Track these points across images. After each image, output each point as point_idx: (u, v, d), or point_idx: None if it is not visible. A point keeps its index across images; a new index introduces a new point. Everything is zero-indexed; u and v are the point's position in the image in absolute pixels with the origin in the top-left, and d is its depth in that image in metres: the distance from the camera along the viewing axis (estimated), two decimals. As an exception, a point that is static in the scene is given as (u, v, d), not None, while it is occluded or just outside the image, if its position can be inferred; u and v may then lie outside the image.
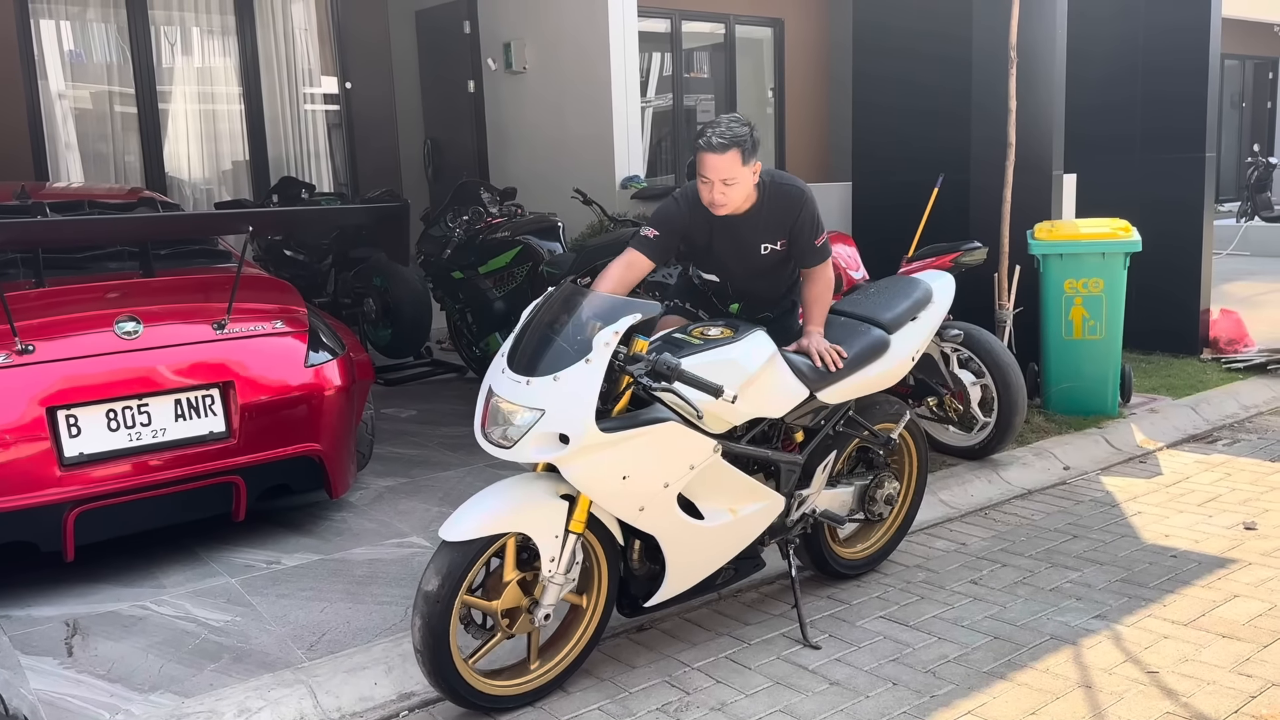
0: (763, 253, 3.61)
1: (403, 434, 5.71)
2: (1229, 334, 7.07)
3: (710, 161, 3.34)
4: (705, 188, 3.40)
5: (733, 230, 3.56)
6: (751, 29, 11.14)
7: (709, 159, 3.35)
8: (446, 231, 6.58)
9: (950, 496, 4.63)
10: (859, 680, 3.11)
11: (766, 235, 3.58)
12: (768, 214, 3.54)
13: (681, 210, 3.53)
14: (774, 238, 3.59)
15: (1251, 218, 13.83)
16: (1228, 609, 3.50)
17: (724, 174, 3.35)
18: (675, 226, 3.53)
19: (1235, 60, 17.21)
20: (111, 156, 8.63)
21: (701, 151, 3.37)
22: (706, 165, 3.36)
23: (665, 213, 3.56)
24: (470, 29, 9.11)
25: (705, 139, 3.36)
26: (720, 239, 3.59)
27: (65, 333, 3.69)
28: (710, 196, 3.41)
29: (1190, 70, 7.03)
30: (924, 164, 5.87)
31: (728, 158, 3.33)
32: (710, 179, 3.36)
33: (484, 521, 2.82)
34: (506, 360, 2.97)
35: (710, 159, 3.34)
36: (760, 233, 3.57)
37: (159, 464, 3.72)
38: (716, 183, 3.37)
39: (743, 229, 3.56)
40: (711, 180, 3.37)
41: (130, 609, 3.57)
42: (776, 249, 3.61)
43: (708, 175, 3.36)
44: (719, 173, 3.35)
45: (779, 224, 3.57)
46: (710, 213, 3.47)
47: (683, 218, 3.53)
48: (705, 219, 3.52)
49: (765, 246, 3.60)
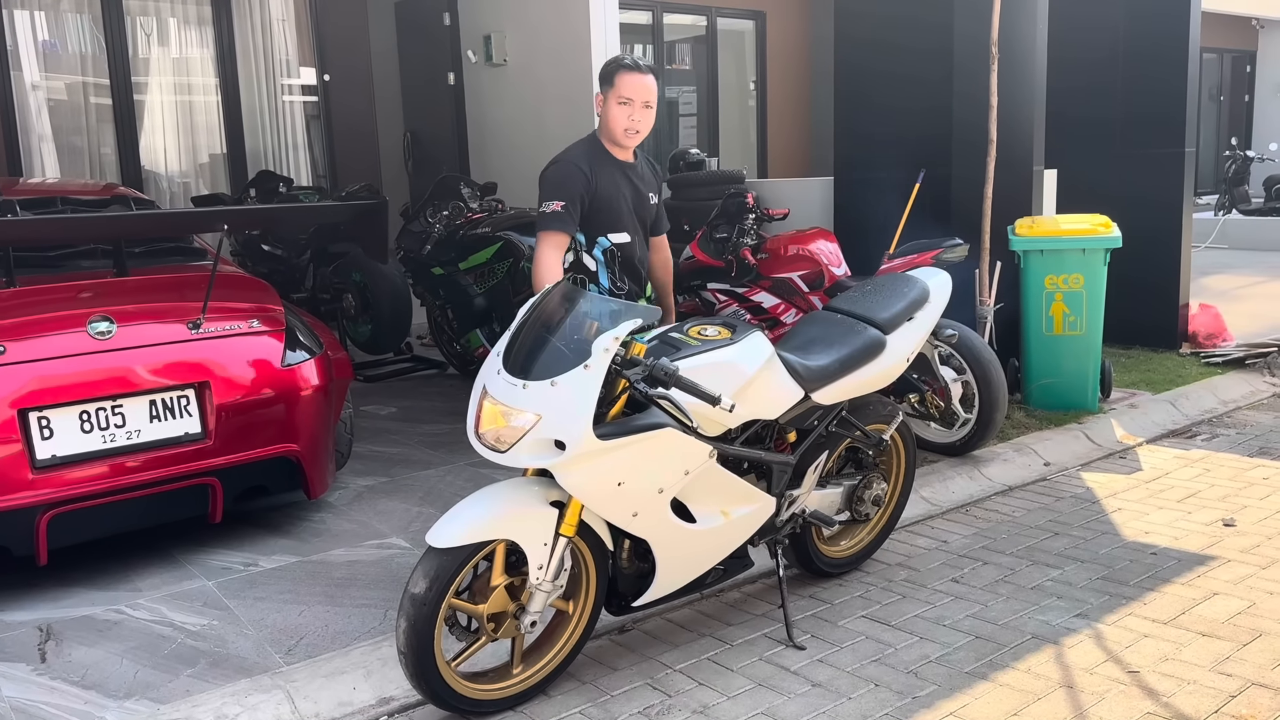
0: (651, 202, 3.68)
1: (383, 432, 5.67)
2: (1208, 328, 7.11)
3: (637, 81, 3.44)
4: (624, 111, 3.46)
5: (627, 177, 3.59)
6: (733, 22, 11.11)
7: (636, 79, 3.44)
8: (426, 227, 6.53)
9: (932, 493, 4.63)
10: (841, 682, 3.11)
11: (649, 186, 3.67)
12: (643, 166, 3.67)
13: (579, 168, 3.50)
14: (653, 190, 3.69)
15: (1230, 211, 13.93)
16: (1207, 607, 3.52)
17: (647, 95, 3.45)
18: (576, 188, 3.49)
19: (1213, 54, 17.32)
20: (86, 149, 8.52)
21: (628, 72, 3.45)
22: (633, 86, 3.44)
23: (560, 179, 3.50)
24: (450, 21, 9.03)
25: (629, 61, 3.46)
26: (621, 187, 3.58)
27: (37, 333, 3.63)
28: (628, 121, 3.46)
29: (1170, 65, 7.05)
30: (905, 159, 5.86)
31: (651, 79, 3.47)
32: (633, 100, 3.44)
33: (472, 528, 2.78)
34: (502, 360, 2.91)
35: (637, 79, 3.44)
36: (646, 183, 3.66)
37: (134, 466, 3.67)
38: (638, 105, 3.45)
39: (631, 177, 3.61)
40: (633, 102, 3.44)
41: (105, 613, 3.52)
42: (655, 203, 3.70)
43: (632, 96, 3.44)
44: (644, 93, 3.45)
45: (654, 178, 3.71)
46: (605, 162, 3.51)
47: (582, 175, 3.50)
48: (604, 167, 3.53)
49: (652, 197, 3.68)
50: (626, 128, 3.48)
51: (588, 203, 3.51)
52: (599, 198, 3.53)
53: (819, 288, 5.40)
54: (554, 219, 3.46)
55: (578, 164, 3.51)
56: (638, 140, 3.55)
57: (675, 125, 11.03)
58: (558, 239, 3.47)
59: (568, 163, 3.53)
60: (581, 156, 3.54)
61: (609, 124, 3.52)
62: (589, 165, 3.52)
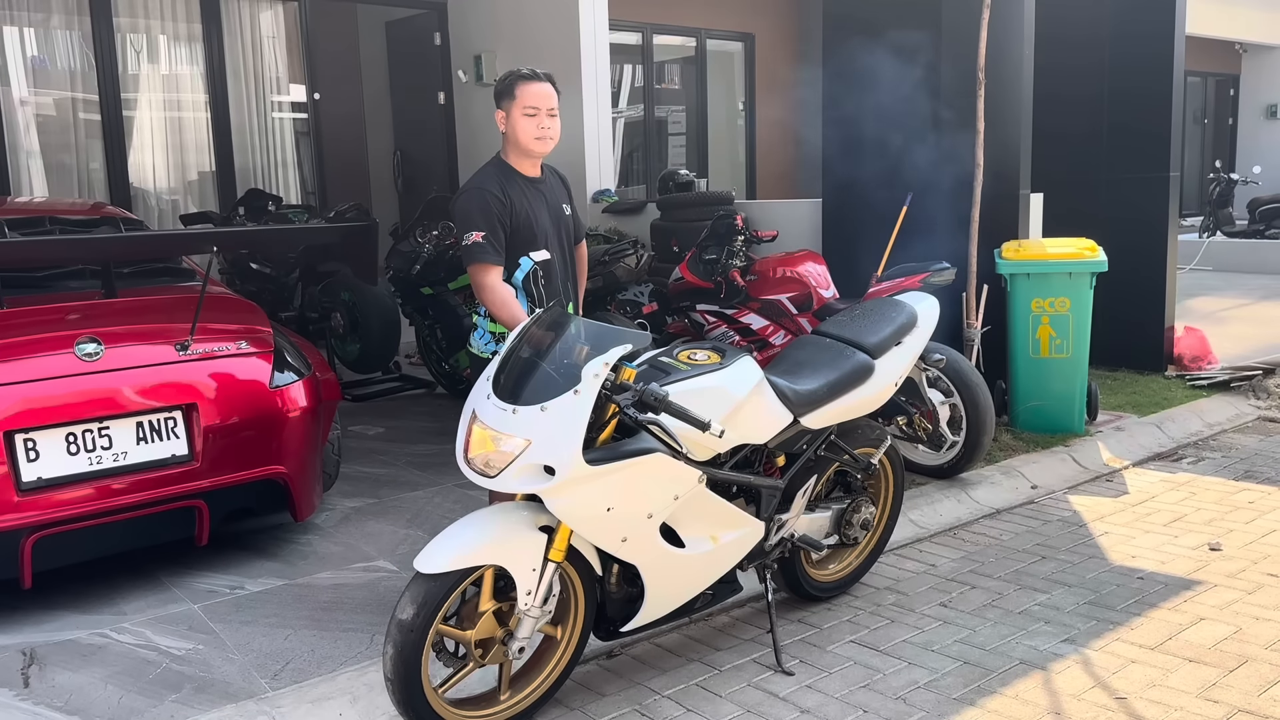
0: (567, 213, 3.66)
1: (370, 452, 5.65)
2: (1193, 351, 7.15)
3: (539, 90, 3.42)
4: (532, 122, 3.42)
5: (539, 193, 3.54)
6: (723, 43, 11.18)
7: (537, 87, 3.42)
8: (416, 247, 6.54)
9: (920, 516, 4.64)
10: (829, 708, 3.10)
11: (560, 196, 3.65)
12: (550, 177, 3.64)
13: (491, 193, 3.39)
14: (564, 200, 3.67)
15: (1214, 233, 14.04)
16: (1194, 632, 3.53)
17: (551, 103, 3.44)
18: (494, 212, 3.38)
19: (1198, 77, 17.50)
20: (75, 166, 8.50)
21: (527, 82, 3.43)
22: (536, 95, 3.42)
23: (474, 207, 3.39)
24: (441, 40, 9.08)
25: (526, 72, 3.45)
26: (535, 203, 3.51)
27: (24, 354, 3.61)
28: (538, 130, 3.43)
29: (1155, 89, 7.12)
30: (893, 182, 5.90)
31: (551, 87, 3.46)
32: (539, 108, 3.42)
33: (460, 554, 2.78)
34: (491, 385, 2.91)
35: (538, 87, 3.42)
36: (556, 193, 3.64)
37: (120, 488, 3.65)
38: (544, 112, 3.43)
39: (543, 191, 3.57)
40: (539, 110, 3.42)
41: (89, 637, 3.50)
42: (571, 212, 3.68)
43: (538, 105, 3.42)
44: (548, 101, 3.44)
45: (562, 187, 3.69)
46: (515, 181, 3.46)
47: (495, 199, 3.39)
48: (514, 187, 3.46)
49: (565, 207, 3.66)
50: (538, 136, 3.42)
51: (509, 225, 3.42)
52: (515, 218, 3.44)
53: (807, 310, 5.42)
54: (478, 251, 3.35)
55: (488, 189, 3.40)
56: (549, 149, 3.48)
57: (664, 145, 11.08)
58: (493, 270, 3.37)
59: (478, 190, 3.42)
60: (491, 179, 3.44)
61: (517, 137, 3.44)
62: (500, 188, 3.42)
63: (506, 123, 3.46)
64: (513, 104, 3.42)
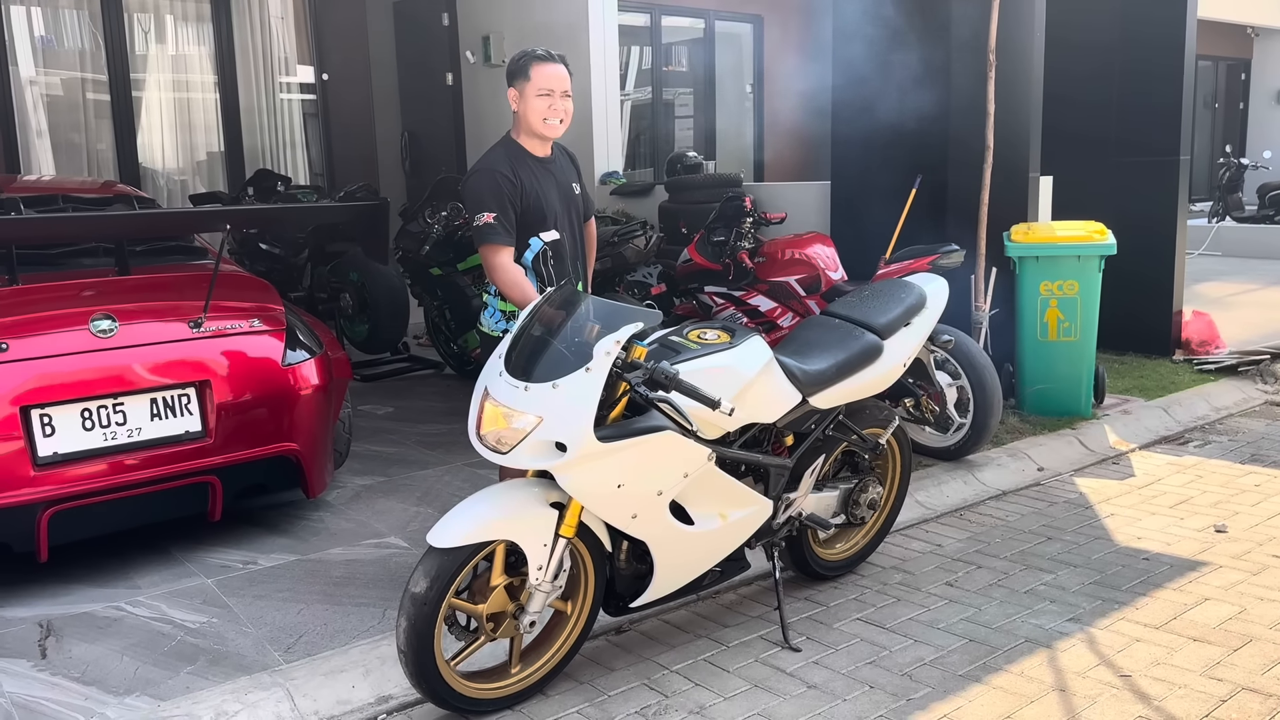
0: (576, 193, 3.66)
1: (380, 431, 5.69)
2: (1201, 335, 7.15)
3: (552, 71, 3.41)
4: (544, 102, 3.40)
5: (549, 173, 3.53)
6: (731, 25, 11.14)
7: (551, 69, 3.41)
8: (425, 228, 6.55)
9: (926, 497, 4.66)
10: (836, 683, 3.14)
11: (570, 175, 3.65)
12: (560, 156, 3.64)
13: (501, 174, 3.38)
14: (574, 179, 3.67)
15: (1223, 218, 13.99)
16: (1199, 612, 3.55)
17: (565, 84, 3.43)
18: (504, 192, 3.37)
19: (1209, 61, 17.40)
20: (84, 145, 8.52)
21: (542, 63, 3.41)
22: (550, 76, 3.40)
23: (484, 188, 3.37)
24: (449, 21, 9.06)
25: (541, 53, 3.42)
26: (545, 183, 3.50)
27: (39, 331, 3.64)
28: (549, 112, 3.42)
29: (1166, 73, 7.09)
30: (902, 165, 5.89)
31: (564, 69, 3.45)
32: (553, 90, 3.41)
33: (473, 529, 2.81)
34: (503, 362, 2.93)
35: (552, 69, 3.41)
36: (566, 172, 3.63)
37: (134, 464, 3.69)
38: (557, 94, 3.41)
39: (553, 171, 3.56)
40: (554, 92, 3.41)
41: (105, 610, 3.54)
42: (580, 191, 3.68)
43: (552, 86, 3.40)
44: (562, 83, 3.42)
45: (571, 166, 3.68)
46: (525, 162, 3.45)
47: (506, 179, 3.38)
48: (525, 168, 3.45)
49: (575, 186, 3.65)
50: (548, 118, 3.41)
51: (519, 206, 3.41)
52: (526, 199, 3.43)
53: (815, 292, 5.43)
54: (489, 232, 3.35)
55: (499, 169, 3.39)
56: (561, 131, 3.46)
57: (672, 128, 11.06)
58: (505, 250, 3.37)
59: (488, 171, 3.40)
60: (501, 160, 3.42)
61: (529, 118, 3.42)
62: (510, 168, 3.40)
63: (520, 102, 3.44)
64: (526, 84, 3.40)
